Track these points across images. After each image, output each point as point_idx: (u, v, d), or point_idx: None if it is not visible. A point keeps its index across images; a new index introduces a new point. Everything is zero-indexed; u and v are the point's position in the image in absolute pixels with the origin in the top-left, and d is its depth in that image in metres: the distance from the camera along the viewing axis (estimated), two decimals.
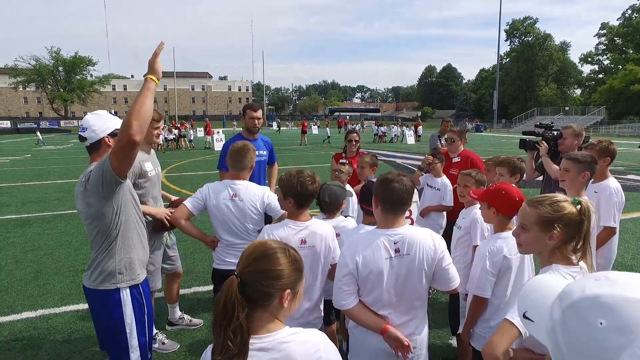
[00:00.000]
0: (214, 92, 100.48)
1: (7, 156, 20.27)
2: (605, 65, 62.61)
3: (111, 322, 2.08)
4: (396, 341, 1.87)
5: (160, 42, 2.07)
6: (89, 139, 2.14)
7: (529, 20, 69.81)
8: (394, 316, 1.91)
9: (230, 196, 2.67)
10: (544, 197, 1.65)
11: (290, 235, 2.17)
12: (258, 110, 3.92)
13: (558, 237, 1.57)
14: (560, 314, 0.78)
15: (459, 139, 4.46)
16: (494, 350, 1.54)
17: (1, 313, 4.00)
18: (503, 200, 2.20)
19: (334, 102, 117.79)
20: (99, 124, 2.14)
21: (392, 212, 1.87)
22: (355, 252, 1.84)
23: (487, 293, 2.18)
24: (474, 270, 2.26)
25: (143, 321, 2.15)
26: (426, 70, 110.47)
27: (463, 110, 76.61)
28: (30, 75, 57.11)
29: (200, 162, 17.33)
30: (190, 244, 5.94)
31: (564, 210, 1.56)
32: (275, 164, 4.31)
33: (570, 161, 2.71)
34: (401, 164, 16.28)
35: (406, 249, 1.86)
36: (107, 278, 2.06)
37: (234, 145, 2.79)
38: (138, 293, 2.14)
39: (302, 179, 2.19)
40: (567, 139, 3.79)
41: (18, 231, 6.85)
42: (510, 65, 70.57)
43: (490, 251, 2.18)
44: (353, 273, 1.84)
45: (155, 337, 3.38)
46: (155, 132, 3.13)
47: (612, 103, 52.15)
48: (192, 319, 3.81)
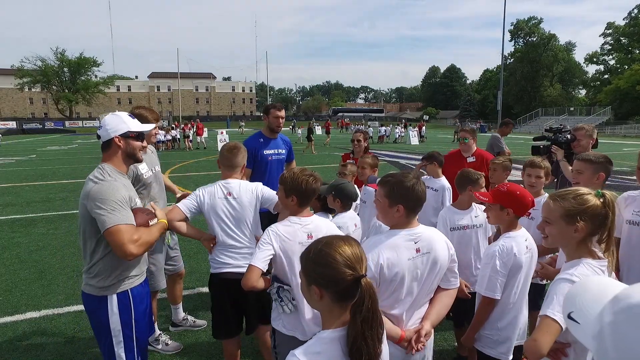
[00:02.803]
0: (217, 92, 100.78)
1: (12, 156, 20.40)
2: (611, 65, 62.27)
3: (99, 326, 2.12)
4: (410, 341, 1.82)
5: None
6: (102, 137, 2.16)
7: (534, 20, 69.51)
8: (405, 316, 1.85)
9: (224, 195, 2.64)
10: (566, 191, 1.66)
11: (297, 230, 2.15)
12: (282, 110, 4.02)
13: (583, 229, 1.58)
14: (612, 318, 0.72)
15: (471, 138, 4.41)
16: (539, 349, 1.52)
17: (5, 313, 4.01)
18: (519, 201, 2.19)
19: (337, 103, 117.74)
20: (113, 123, 2.15)
21: (413, 212, 1.84)
22: (379, 255, 1.75)
23: (497, 294, 2.15)
24: (483, 270, 2.22)
25: (130, 325, 2.14)
26: (430, 70, 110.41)
27: (467, 110, 76.34)
28: (35, 76, 57.55)
29: (203, 162, 17.35)
30: (194, 244, 5.92)
31: (588, 203, 1.58)
32: (293, 162, 4.35)
33: (583, 162, 2.65)
34: (405, 164, 16.24)
35: (426, 247, 1.83)
36: (98, 283, 2.08)
37: (225, 145, 2.79)
38: (126, 298, 2.13)
39: (306, 177, 2.19)
40: (582, 140, 3.75)
41: (23, 231, 6.87)
42: (514, 66, 70.24)
43: (501, 251, 2.15)
44: (376, 277, 1.74)
45: (159, 339, 3.38)
46: (152, 133, 3.17)
47: (617, 103, 51.79)
48: (195, 319, 3.79)
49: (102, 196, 1.98)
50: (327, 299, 1.25)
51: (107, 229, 1.95)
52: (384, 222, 1.91)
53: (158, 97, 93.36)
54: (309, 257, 1.28)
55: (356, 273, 1.22)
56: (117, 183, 2.08)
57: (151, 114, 3.09)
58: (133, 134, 2.19)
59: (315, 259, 1.26)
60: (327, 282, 1.23)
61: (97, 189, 2.01)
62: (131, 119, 2.23)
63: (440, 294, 1.95)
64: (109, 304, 2.09)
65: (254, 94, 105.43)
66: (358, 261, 1.24)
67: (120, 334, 2.11)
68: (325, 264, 1.23)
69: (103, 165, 2.14)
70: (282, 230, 2.14)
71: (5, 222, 7.47)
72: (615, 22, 60.47)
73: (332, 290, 1.23)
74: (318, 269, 1.25)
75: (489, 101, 75.61)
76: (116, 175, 2.13)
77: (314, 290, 1.25)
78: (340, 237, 1.35)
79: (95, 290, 2.09)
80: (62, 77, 60.95)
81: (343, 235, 1.38)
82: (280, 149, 4.05)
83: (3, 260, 5.49)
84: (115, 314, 2.09)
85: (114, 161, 2.17)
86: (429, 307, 1.93)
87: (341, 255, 1.23)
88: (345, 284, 1.21)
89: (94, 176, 2.09)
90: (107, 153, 2.17)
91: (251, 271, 2.07)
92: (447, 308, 1.97)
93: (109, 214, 1.95)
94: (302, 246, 2.08)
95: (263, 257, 2.08)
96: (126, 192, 2.10)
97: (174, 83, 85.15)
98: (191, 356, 3.32)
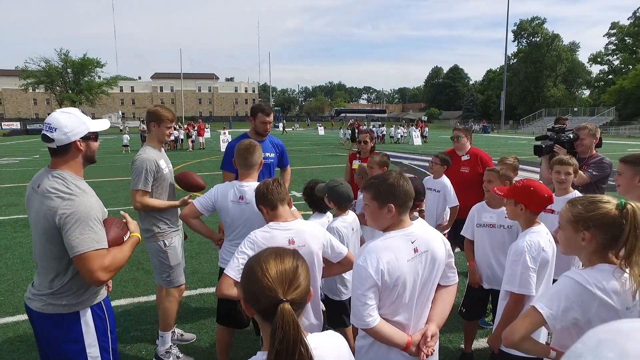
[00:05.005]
0: (220, 93, 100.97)
1: (16, 157, 20.48)
2: (615, 65, 61.93)
3: (66, 347, 1.89)
4: (418, 346, 1.74)
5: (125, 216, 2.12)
6: (57, 141, 1.85)
7: (537, 20, 69.27)
8: (409, 321, 1.76)
9: (237, 198, 2.66)
10: (585, 196, 1.60)
11: (276, 237, 2.09)
12: (270, 115, 3.72)
13: (591, 239, 1.50)
14: None
15: (464, 136, 4.41)
16: (512, 335, 1.50)
17: (7, 313, 3.99)
18: (532, 197, 2.16)
19: (340, 104, 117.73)
20: (72, 125, 1.86)
21: (405, 208, 1.76)
22: (378, 261, 1.65)
23: (532, 290, 2.09)
24: (512, 268, 2.14)
25: (106, 337, 1.99)
26: (433, 71, 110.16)
27: (470, 111, 76.15)
28: (39, 77, 57.78)
29: (205, 163, 17.35)
30: (196, 245, 5.91)
31: (597, 210, 1.49)
32: (288, 168, 4.12)
33: (623, 163, 2.54)
34: (408, 164, 16.20)
35: (424, 246, 1.75)
36: (68, 302, 1.87)
37: (240, 144, 2.76)
38: (100, 310, 1.98)
39: (267, 184, 2.21)
40: (585, 140, 3.72)
41: (25, 231, 6.86)
42: (517, 66, 70.02)
43: (529, 246, 2.11)
44: (378, 285, 1.64)
45: (170, 351, 3.20)
46: (168, 132, 3.17)
47: (622, 104, 51.50)
48: (183, 333, 3.58)
49: (73, 215, 1.76)
50: (257, 317, 1.15)
51: (76, 255, 1.74)
52: (376, 227, 1.81)
53: (161, 98, 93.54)
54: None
55: (274, 295, 1.08)
56: (87, 196, 1.85)
57: (168, 113, 3.16)
58: (93, 134, 1.96)
59: (244, 271, 1.18)
60: (249, 299, 1.14)
61: (67, 206, 1.77)
62: (86, 116, 1.97)
63: (440, 292, 1.88)
64: (82, 318, 1.89)
65: (256, 95, 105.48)
66: (283, 283, 1.10)
67: (97, 348, 1.93)
68: (248, 280, 1.14)
69: (62, 174, 1.86)
70: (260, 237, 2.09)
71: (8, 222, 7.48)
72: (619, 22, 60.19)
73: (256, 309, 1.13)
74: (244, 284, 1.16)
75: (492, 102, 75.39)
76: (81, 184, 1.90)
77: (244, 304, 1.17)
78: (276, 251, 1.20)
79: (64, 309, 1.87)
80: (65, 78, 61.16)
81: (281, 249, 1.22)
82: (267, 152, 3.73)
83: (5, 260, 5.49)
84: (90, 328, 1.91)
85: (72, 166, 1.91)
86: (431, 308, 1.85)
87: (264, 273, 1.11)
88: (263, 306, 1.10)
89: (55, 189, 1.80)
90: (63, 158, 1.89)
91: (223, 279, 2.04)
92: (450, 305, 1.90)
93: (80, 237, 1.74)
94: None
95: (237, 265, 2.03)
96: (99, 205, 1.89)
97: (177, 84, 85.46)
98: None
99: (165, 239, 3.10)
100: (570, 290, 1.47)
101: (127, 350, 3.36)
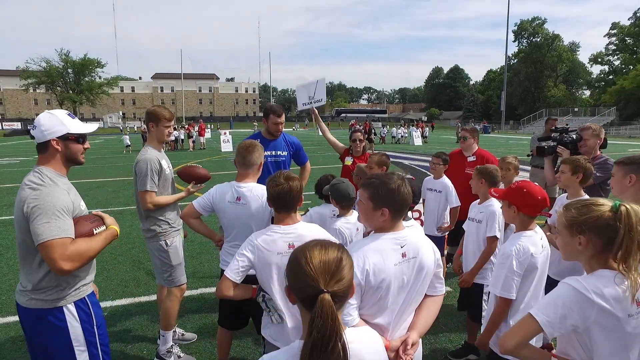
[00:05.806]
0: (221, 93, 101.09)
1: (17, 157, 20.51)
2: (616, 65, 61.93)
3: (51, 344, 1.90)
4: (397, 352, 1.70)
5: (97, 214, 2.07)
6: (36, 139, 1.95)
7: (538, 20, 69.28)
8: (390, 325, 1.72)
9: (234, 199, 2.66)
10: (579, 200, 1.58)
11: (276, 240, 2.08)
12: (282, 116, 3.88)
13: (585, 242, 1.46)
14: None
15: (471, 137, 4.40)
16: (506, 342, 1.50)
17: (8, 312, 4.00)
18: (525, 199, 2.13)
19: (340, 104, 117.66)
20: (48, 124, 1.94)
21: (399, 215, 1.72)
22: (364, 260, 1.63)
23: (512, 294, 2.10)
24: (498, 270, 2.15)
25: (93, 332, 1.99)
26: (433, 71, 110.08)
27: (470, 111, 76.14)
28: (40, 77, 57.82)
29: (206, 163, 17.37)
30: (197, 245, 5.93)
31: (590, 214, 1.45)
32: (307, 164, 4.20)
33: (615, 165, 2.49)
34: (408, 165, 16.20)
35: (412, 252, 1.72)
36: (50, 296, 1.90)
37: (242, 143, 2.79)
38: (85, 305, 1.98)
39: (274, 181, 2.13)
40: (589, 140, 3.65)
41: None
42: (518, 66, 70.02)
43: (517, 251, 2.10)
44: (361, 284, 1.62)
45: (171, 350, 3.21)
46: (167, 131, 3.17)
47: (622, 104, 51.48)
48: (184, 332, 3.59)
49: (40, 204, 1.79)
50: (299, 305, 1.17)
51: (40, 242, 1.76)
52: (367, 225, 1.78)
53: (161, 98, 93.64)
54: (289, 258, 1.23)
55: (315, 285, 1.10)
56: (57, 188, 1.88)
57: (166, 112, 3.17)
58: (73, 136, 1.97)
59: (289, 261, 1.20)
60: (292, 286, 1.16)
61: (35, 196, 1.81)
62: (71, 119, 2.00)
63: (426, 302, 1.84)
64: (67, 314, 1.90)
65: (257, 95, 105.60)
66: (325, 273, 1.12)
67: (84, 344, 1.94)
68: (292, 269, 1.17)
69: (41, 169, 1.92)
70: (260, 240, 2.08)
71: (9, 222, 7.48)
72: (620, 22, 60.21)
73: (298, 298, 1.15)
74: (288, 272, 1.19)
75: (492, 102, 75.39)
76: (57, 179, 1.93)
77: (287, 292, 1.20)
78: (321, 242, 1.22)
79: (46, 303, 1.88)
80: (66, 78, 61.19)
81: (327, 241, 1.25)
82: (279, 151, 3.90)
83: (7, 260, 5.50)
84: (75, 322, 1.92)
85: (53, 164, 1.96)
86: (415, 316, 1.80)
87: (307, 262, 1.13)
88: (305, 295, 1.12)
89: (30, 181, 1.87)
90: (44, 155, 1.96)
91: (222, 281, 2.05)
92: (434, 316, 1.86)
93: (43, 225, 1.76)
94: (281, 256, 2.04)
95: (236, 267, 2.04)
96: (68, 198, 1.90)
97: (178, 84, 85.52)
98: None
99: (166, 239, 3.11)
100: (567, 297, 1.44)
101: (129, 350, 3.38)
